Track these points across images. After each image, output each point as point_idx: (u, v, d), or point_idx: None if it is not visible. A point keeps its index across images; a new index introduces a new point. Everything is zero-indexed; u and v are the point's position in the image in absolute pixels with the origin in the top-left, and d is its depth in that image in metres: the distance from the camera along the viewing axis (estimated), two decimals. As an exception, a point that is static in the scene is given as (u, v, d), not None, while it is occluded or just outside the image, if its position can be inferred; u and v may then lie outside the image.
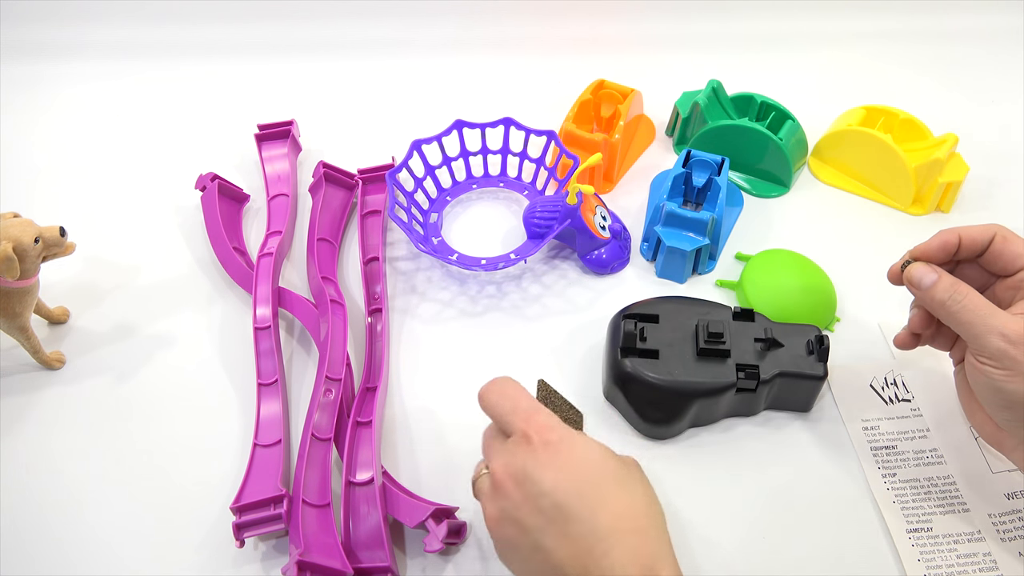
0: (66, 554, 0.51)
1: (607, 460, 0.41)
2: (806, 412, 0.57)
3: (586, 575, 0.38)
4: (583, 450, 0.41)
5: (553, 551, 0.39)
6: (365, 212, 0.70)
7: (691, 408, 0.54)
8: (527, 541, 0.40)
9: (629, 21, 0.91)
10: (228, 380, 0.60)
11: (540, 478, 0.40)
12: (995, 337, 0.43)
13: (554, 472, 0.40)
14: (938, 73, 0.87)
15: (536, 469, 0.40)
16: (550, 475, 0.40)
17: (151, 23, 0.90)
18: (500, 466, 0.42)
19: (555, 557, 0.39)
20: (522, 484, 0.41)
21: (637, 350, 0.55)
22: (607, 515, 0.39)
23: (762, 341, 0.55)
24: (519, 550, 0.41)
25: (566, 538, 0.39)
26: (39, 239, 0.55)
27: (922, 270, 0.46)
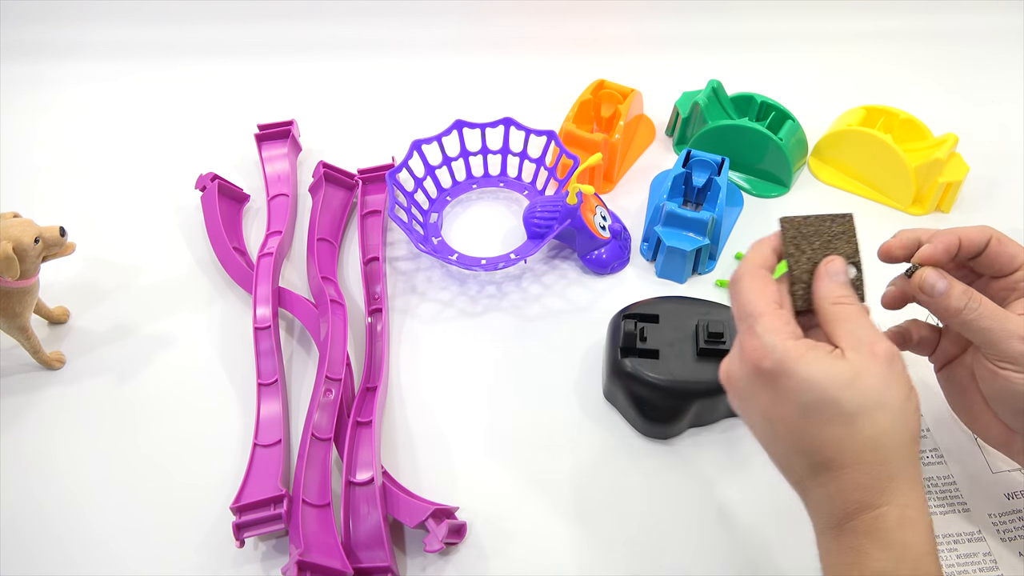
0: (66, 554, 0.51)
1: (825, 393, 0.38)
2: None
3: (803, 491, 0.40)
4: (797, 382, 0.38)
5: (771, 447, 0.41)
6: (365, 212, 0.70)
7: (691, 408, 0.54)
8: (752, 419, 0.42)
9: (629, 21, 0.91)
10: (228, 380, 0.60)
11: (753, 405, 0.41)
12: (1016, 341, 0.42)
13: (766, 401, 0.40)
14: (938, 73, 0.87)
15: (750, 393, 0.41)
16: (762, 401, 0.40)
17: (151, 23, 0.90)
18: (726, 366, 0.43)
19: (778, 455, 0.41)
20: (740, 397, 0.42)
21: (637, 350, 0.55)
22: (827, 450, 0.38)
23: None
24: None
25: (790, 456, 0.40)
26: (39, 239, 0.55)
27: (933, 276, 0.44)
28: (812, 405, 0.38)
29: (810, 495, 0.40)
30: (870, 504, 0.37)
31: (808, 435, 0.38)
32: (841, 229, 0.43)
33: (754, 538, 0.51)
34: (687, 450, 0.56)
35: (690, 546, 0.51)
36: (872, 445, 0.37)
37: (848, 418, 0.37)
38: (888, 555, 0.37)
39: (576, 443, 0.56)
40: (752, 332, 0.40)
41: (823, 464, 0.38)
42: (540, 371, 0.61)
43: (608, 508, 0.53)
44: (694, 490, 0.54)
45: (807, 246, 0.43)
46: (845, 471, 0.38)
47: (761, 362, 0.39)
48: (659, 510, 0.53)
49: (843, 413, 0.37)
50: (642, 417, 0.55)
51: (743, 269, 0.43)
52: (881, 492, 0.37)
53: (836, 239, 0.43)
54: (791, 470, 0.41)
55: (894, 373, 0.38)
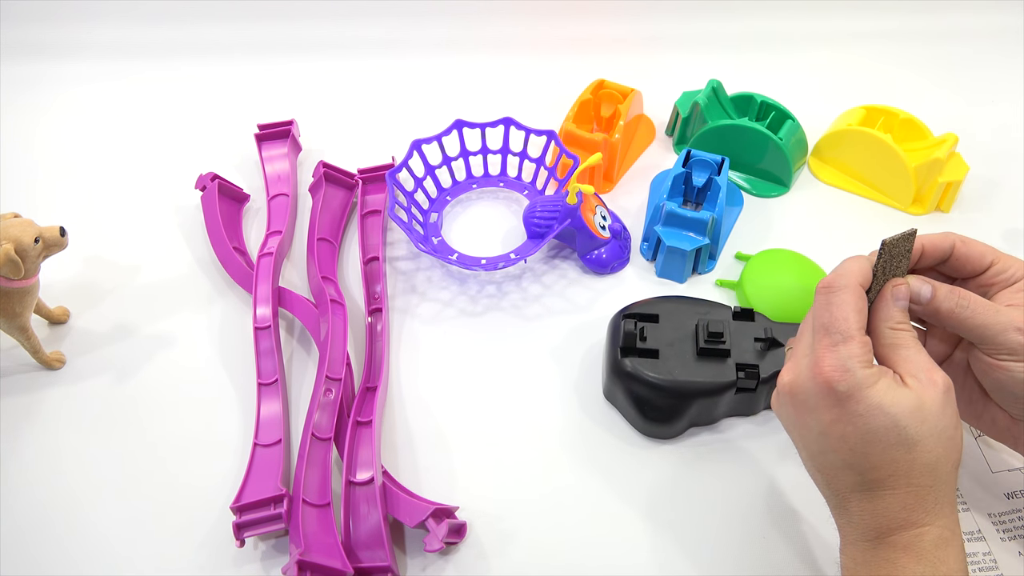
0: (67, 553, 0.51)
1: (894, 420, 0.39)
2: None
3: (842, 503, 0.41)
4: (867, 407, 0.40)
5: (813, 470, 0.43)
6: (365, 212, 0.70)
7: (691, 408, 0.54)
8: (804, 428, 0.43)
9: (629, 21, 0.91)
10: (228, 380, 0.60)
11: (812, 418, 0.42)
12: (1012, 332, 0.43)
13: (830, 417, 0.41)
14: (938, 73, 0.87)
15: (814, 406, 0.41)
16: (826, 417, 0.41)
17: (151, 23, 0.90)
18: (792, 375, 0.43)
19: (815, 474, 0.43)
20: (800, 408, 0.42)
21: (637, 350, 0.55)
22: (881, 471, 0.40)
23: (762, 341, 0.55)
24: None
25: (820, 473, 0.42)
26: (39, 239, 0.55)
27: (916, 283, 0.45)
28: (878, 430, 0.40)
29: (851, 507, 0.41)
30: (915, 523, 0.39)
31: (866, 455, 0.40)
32: (908, 247, 0.44)
33: (754, 537, 0.51)
34: (687, 450, 0.56)
35: (690, 546, 0.51)
36: (927, 470, 0.39)
37: (910, 444, 0.39)
38: (923, 570, 0.38)
39: (576, 443, 0.56)
40: (835, 351, 0.41)
41: (875, 482, 0.40)
42: (540, 371, 0.61)
43: (608, 508, 0.53)
44: (694, 490, 0.54)
45: (889, 268, 0.44)
46: (896, 492, 0.40)
47: (837, 383, 0.40)
48: (659, 510, 0.53)
49: (906, 440, 0.39)
50: (642, 417, 0.55)
51: (843, 281, 0.43)
52: (926, 513, 0.39)
53: (903, 258, 0.44)
54: (834, 482, 0.42)
55: (949, 402, 0.41)
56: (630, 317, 0.56)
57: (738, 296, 0.65)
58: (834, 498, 0.43)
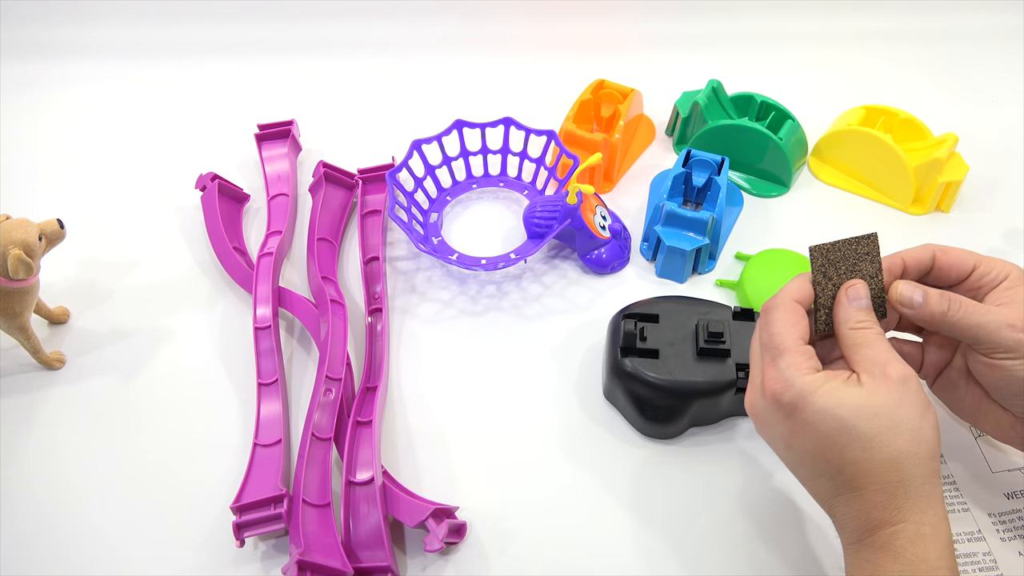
0: (67, 553, 0.51)
1: (842, 421, 0.39)
2: None
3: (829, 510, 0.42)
4: (814, 413, 0.40)
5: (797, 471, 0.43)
6: (365, 212, 0.70)
7: (691, 408, 0.54)
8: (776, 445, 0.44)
9: (629, 21, 0.91)
10: (228, 380, 0.60)
11: (775, 433, 0.43)
12: (1007, 330, 0.43)
13: (786, 431, 0.42)
14: (938, 73, 0.87)
15: (772, 423, 0.43)
16: (783, 430, 0.42)
17: (151, 23, 0.90)
18: (749, 398, 0.45)
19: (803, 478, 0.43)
20: (763, 426, 0.44)
21: (637, 350, 0.55)
22: (846, 473, 0.40)
23: None
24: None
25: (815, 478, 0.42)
26: (42, 236, 0.55)
27: (908, 289, 0.45)
28: (829, 434, 0.40)
29: (836, 513, 0.42)
30: (888, 521, 0.39)
31: (828, 460, 0.40)
32: (865, 250, 0.45)
33: (754, 538, 0.51)
34: (687, 450, 0.56)
35: (690, 546, 0.51)
36: (889, 466, 0.39)
37: (864, 442, 0.39)
38: (901, 568, 0.38)
39: (576, 443, 0.56)
40: (775, 365, 0.42)
41: (845, 484, 0.40)
42: (540, 371, 0.61)
43: (608, 508, 0.53)
44: (694, 490, 0.54)
45: (834, 272, 0.45)
46: (865, 491, 0.40)
47: (781, 395, 0.41)
48: (659, 510, 0.53)
49: (859, 438, 0.39)
50: (642, 417, 0.55)
51: (777, 300, 0.44)
52: (898, 509, 0.39)
53: (861, 261, 0.45)
54: (817, 491, 0.43)
55: (907, 393, 0.40)
56: (630, 317, 0.56)
57: (738, 296, 0.65)
58: (824, 507, 0.43)
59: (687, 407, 0.54)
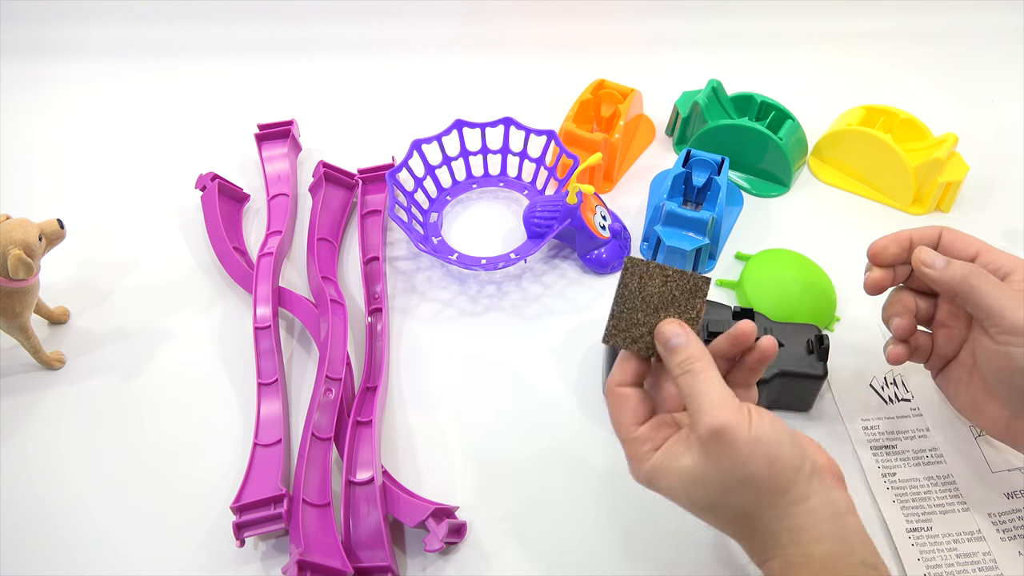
0: (67, 553, 0.51)
1: (683, 496, 0.41)
2: (806, 411, 0.57)
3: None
4: (664, 491, 0.42)
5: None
6: (365, 212, 0.70)
7: (691, 408, 0.54)
8: None
9: (629, 21, 0.91)
10: (228, 380, 0.60)
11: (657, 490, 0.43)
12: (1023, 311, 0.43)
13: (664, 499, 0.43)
14: (938, 73, 0.87)
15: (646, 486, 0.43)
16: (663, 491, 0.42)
17: (151, 23, 0.90)
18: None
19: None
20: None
21: None
22: (722, 528, 0.42)
23: None
24: None
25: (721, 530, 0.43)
26: (42, 236, 0.55)
27: (929, 253, 0.46)
28: (683, 503, 0.42)
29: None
30: (763, 558, 0.41)
31: (705, 522, 0.42)
32: (684, 286, 0.43)
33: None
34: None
35: (690, 546, 0.51)
36: (738, 521, 0.41)
37: (710, 510, 0.41)
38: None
39: (576, 443, 0.56)
40: (625, 453, 0.44)
41: (732, 536, 0.42)
42: (540, 370, 0.61)
43: (608, 508, 0.53)
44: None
45: (639, 317, 0.43)
46: (740, 540, 0.42)
47: (637, 479, 0.43)
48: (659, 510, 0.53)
49: (705, 507, 0.41)
50: None
51: (608, 388, 0.45)
52: (765, 549, 0.40)
53: (681, 301, 0.43)
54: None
55: (725, 444, 0.38)
56: None
57: (738, 296, 0.65)
58: None
59: None
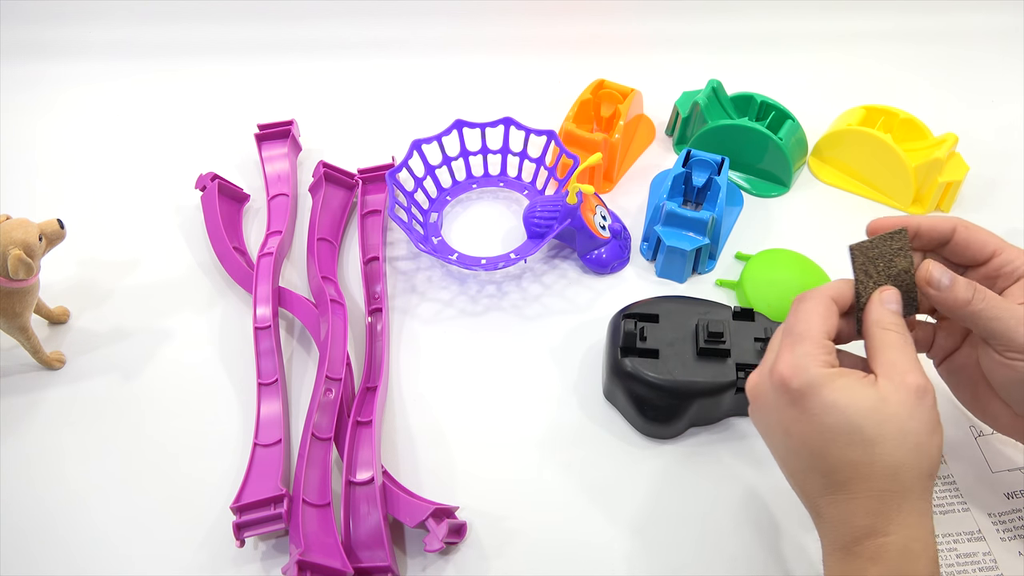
0: (67, 553, 0.51)
1: (848, 418, 0.39)
2: None
3: (815, 509, 0.41)
4: (822, 405, 0.39)
5: (788, 462, 0.43)
6: (365, 212, 0.70)
7: (691, 408, 0.54)
8: (771, 432, 0.43)
9: (629, 21, 0.91)
10: (228, 380, 0.60)
11: (775, 419, 0.42)
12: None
13: (789, 417, 0.41)
14: (938, 73, 0.87)
15: (775, 407, 0.42)
16: (785, 417, 0.41)
17: (151, 23, 0.90)
18: (754, 379, 0.44)
19: (790, 463, 0.42)
20: (763, 410, 0.43)
21: (637, 349, 0.55)
22: (842, 472, 0.39)
23: (762, 341, 0.55)
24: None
25: (806, 473, 0.41)
26: (42, 236, 0.55)
27: (937, 270, 0.44)
28: (833, 427, 0.39)
29: (822, 514, 0.41)
30: (876, 531, 0.38)
31: (826, 456, 0.39)
32: (899, 245, 0.45)
33: (754, 538, 0.51)
34: (687, 449, 0.56)
35: (690, 546, 0.51)
36: (888, 473, 0.38)
37: (867, 444, 0.38)
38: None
39: (576, 443, 0.56)
40: (791, 350, 0.41)
41: (837, 485, 0.39)
42: (540, 371, 0.61)
43: (608, 508, 0.53)
44: (694, 489, 0.54)
45: (873, 270, 0.45)
46: (858, 496, 0.39)
47: (791, 380, 0.40)
48: (659, 510, 0.53)
49: (863, 439, 0.38)
50: (642, 417, 0.55)
51: (812, 292, 0.44)
52: (889, 521, 0.38)
53: (896, 256, 0.45)
54: (805, 487, 0.42)
55: (922, 407, 0.39)
56: (630, 317, 0.56)
57: (738, 296, 0.65)
58: (808, 505, 0.42)
59: (687, 407, 0.54)
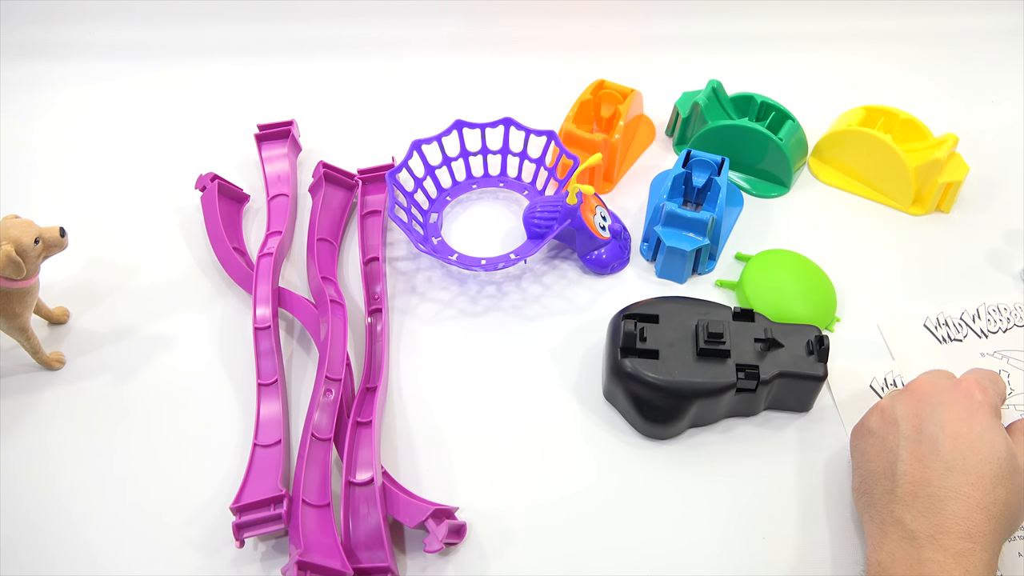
0: (66, 554, 0.51)
1: (998, 446, 0.45)
2: (806, 412, 0.57)
3: (910, 496, 0.45)
4: (990, 419, 0.47)
5: (901, 460, 0.46)
6: (365, 212, 0.70)
7: (691, 408, 0.54)
8: (889, 440, 0.48)
9: (629, 21, 0.91)
10: (228, 380, 0.60)
11: (942, 412, 0.47)
12: None
13: (954, 417, 0.46)
14: (938, 73, 0.87)
15: (945, 404, 0.47)
16: (950, 415, 0.47)
17: (151, 23, 0.90)
18: (924, 380, 0.50)
19: (898, 465, 0.46)
20: (925, 403, 0.48)
21: (637, 350, 0.55)
22: (960, 475, 0.44)
23: (762, 341, 0.55)
24: (874, 442, 0.49)
25: (919, 460, 0.45)
26: (39, 240, 0.55)
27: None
28: (995, 444, 0.45)
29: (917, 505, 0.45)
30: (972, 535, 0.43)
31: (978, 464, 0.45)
32: None
33: (754, 538, 0.51)
34: (687, 450, 0.56)
35: (690, 546, 0.51)
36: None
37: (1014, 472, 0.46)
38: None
39: (576, 443, 0.56)
40: (982, 383, 0.49)
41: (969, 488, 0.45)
42: (540, 371, 0.61)
43: (608, 508, 0.53)
44: (694, 490, 0.54)
45: None
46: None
47: (975, 393, 0.48)
48: (659, 510, 0.53)
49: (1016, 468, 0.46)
50: (642, 417, 0.55)
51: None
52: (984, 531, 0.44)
53: None
54: (928, 472, 0.45)
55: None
56: (630, 317, 0.56)
57: (738, 296, 0.65)
58: (895, 491, 0.45)
59: (687, 407, 0.54)
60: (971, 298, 0.64)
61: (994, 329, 0.62)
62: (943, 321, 0.62)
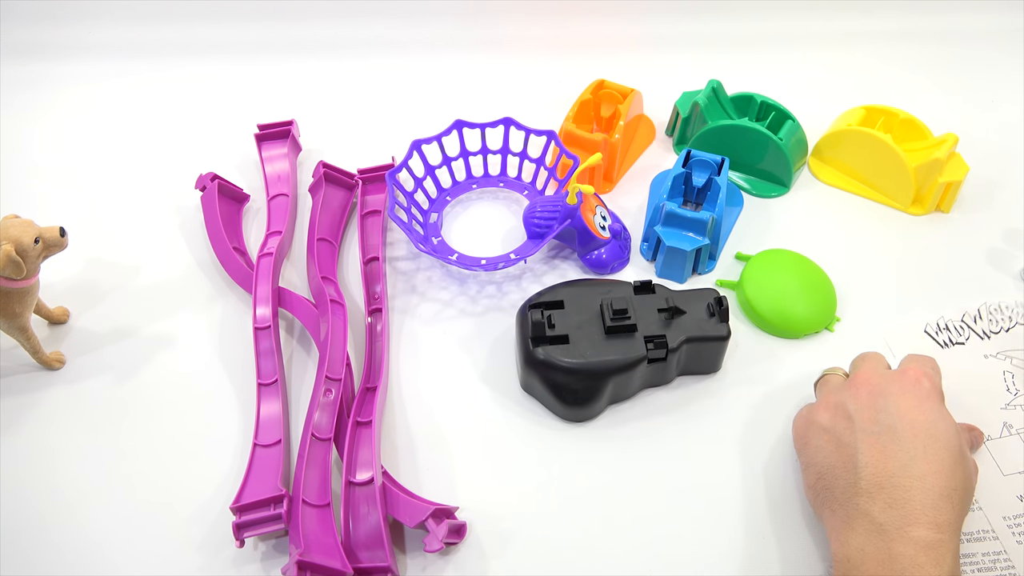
0: (66, 554, 0.51)
1: (951, 432, 0.46)
2: (716, 372, 0.59)
3: (875, 488, 0.44)
4: (940, 406, 0.48)
5: (861, 453, 0.46)
6: (365, 212, 0.70)
7: (607, 386, 0.55)
8: (844, 434, 0.48)
9: (629, 21, 0.91)
10: (228, 380, 0.60)
11: (895, 402, 0.47)
12: None
13: (907, 406, 0.47)
14: (938, 73, 0.87)
15: (896, 394, 0.48)
16: (903, 404, 0.47)
17: (151, 23, 0.90)
18: (868, 372, 0.51)
19: (858, 458, 0.46)
20: (876, 395, 0.48)
21: (547, 338, 0.55)
22: (922, 463, 0.44)
23: (665, 311, 0.56)
24: (829, 438, 0.49)
25: (880, 452, 0.46)
26: (39, 239, 0.55)
27: None
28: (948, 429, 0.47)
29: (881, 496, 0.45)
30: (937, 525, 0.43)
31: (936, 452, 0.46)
32: None
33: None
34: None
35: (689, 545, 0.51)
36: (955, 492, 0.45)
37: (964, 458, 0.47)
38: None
39: (577, 443, 0.56)
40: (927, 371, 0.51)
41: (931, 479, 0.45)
42: (540, 371, 0.61)
43: (608, 508, 0.53)
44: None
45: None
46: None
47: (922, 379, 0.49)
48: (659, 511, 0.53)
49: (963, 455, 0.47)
50: (561, 402, 0.56)
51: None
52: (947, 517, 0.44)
53: None
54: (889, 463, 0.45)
55: None
56: (535, 307, 0.57)
57: (738, 296, 0.65)
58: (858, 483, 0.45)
59: (603, 386, 0.55)
60: (971, 298, 0.64)
61: (996, 329, 0.62)
62: (944, 326, 0.62)
